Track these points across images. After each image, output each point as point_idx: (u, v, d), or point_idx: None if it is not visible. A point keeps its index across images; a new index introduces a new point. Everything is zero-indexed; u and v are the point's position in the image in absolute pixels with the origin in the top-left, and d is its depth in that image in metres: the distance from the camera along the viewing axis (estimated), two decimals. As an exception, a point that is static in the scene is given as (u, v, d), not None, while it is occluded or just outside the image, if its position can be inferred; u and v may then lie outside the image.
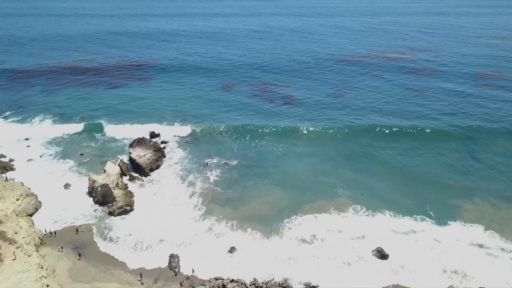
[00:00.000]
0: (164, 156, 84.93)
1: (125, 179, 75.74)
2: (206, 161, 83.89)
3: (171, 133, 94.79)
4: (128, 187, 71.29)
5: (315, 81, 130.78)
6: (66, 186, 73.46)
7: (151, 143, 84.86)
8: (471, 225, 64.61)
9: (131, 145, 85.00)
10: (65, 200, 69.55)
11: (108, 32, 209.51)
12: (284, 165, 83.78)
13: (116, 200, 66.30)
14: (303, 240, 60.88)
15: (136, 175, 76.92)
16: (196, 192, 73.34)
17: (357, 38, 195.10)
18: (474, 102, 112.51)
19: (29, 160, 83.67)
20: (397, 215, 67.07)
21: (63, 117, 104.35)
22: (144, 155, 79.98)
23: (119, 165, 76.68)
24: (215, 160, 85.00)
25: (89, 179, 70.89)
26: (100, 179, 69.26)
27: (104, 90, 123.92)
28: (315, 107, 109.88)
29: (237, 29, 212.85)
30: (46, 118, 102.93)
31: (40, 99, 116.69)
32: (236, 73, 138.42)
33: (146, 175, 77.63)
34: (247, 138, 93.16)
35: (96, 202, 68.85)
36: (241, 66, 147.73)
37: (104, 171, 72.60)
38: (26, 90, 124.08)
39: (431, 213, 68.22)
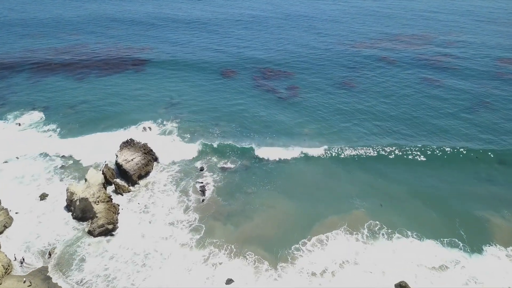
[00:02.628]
0: (155, 160, 75.73)
1: (110, 188, 66.85)
2: (201, 165, 74.70)
3: (163, 132, 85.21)
4: (112, 199, 62.28)
5: (324, 74, 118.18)
6: (43, 196, 64.37)
7: (140, 145, 75.43)
8: (508, 251, 55.54)
9: (120, 147, 75.53)
10: (40, 215, 60.65)
11: (102, 16, 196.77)
12: (290, 168, 74.83)
13: (97, 217, 57.40)
14: (313, 274, 51.64)
15: (122, 183, 67.65)
16: (191, 205, 64.21)
17: (365, 23, 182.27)
18: (497, 97, 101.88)
19: (5, 162, 74.69)
20: (421, 237, 57.82)
21: (47, 112, 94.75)
22: (132, 159, 70.74)
23: (103, 172, 67.45)
24: (212, 163, 75.91)
25: (67, 190, 61.69)
26: (79, 191, 60.17)
27: (94, 81, 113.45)
28: (324, 104, 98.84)
29: (238, 14, 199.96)
30: (28, 113, 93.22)
31: (23, 90, 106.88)
32: (237, 63, 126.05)
33: (134, 183, 68.44)
34: (248, 138, 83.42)
35: (75, 218, 59.90)
36: (242, 54, 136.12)
37: (85, 180, 63.59)
38: (10, 79, 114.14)
39: (461, 232, 59.44)
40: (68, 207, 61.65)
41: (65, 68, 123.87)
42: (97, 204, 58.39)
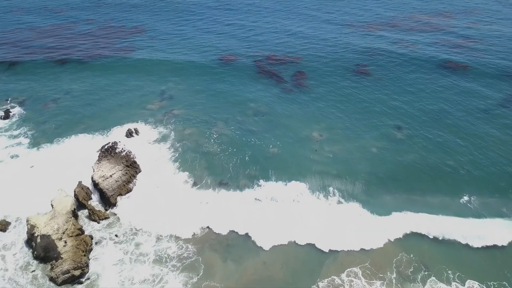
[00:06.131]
0: (140, 171, 63.78)
1: (84, 213, 55.38)
2: (195, 180, 62.50)
3: (151, 136, 72.66)
4: (83, 231, 50.90)
5: (334, 61, 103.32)
6: (2, 225, 52.93)
7: (123, 154, 63.53)
8: None
9: (98, 157, 63.58)
10: (-5, 252, 49.56)
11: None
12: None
13: (61, 258, 46.09)
14: None
15: (98, 208, 56.00)
16: (182, 236, 52.76)
17: (379, 2, 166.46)
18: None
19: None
20: (464, 280, 46.36)
21: (20, 107, 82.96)
22: (111, 176, 58.88)
23: (75, 193, 55.86)
24: (208, 176, 64.03)
25: (27, 222, 50.09)
26: (41, 224, 48.58)
27: (79, 69, 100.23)
28: (335, 99, 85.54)
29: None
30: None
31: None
32: (238, 51, 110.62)
33: (113, 205, 56.84)
34: (249, 145, 70.92)
35: (36, 257, 48.49)
36: (244, 40, 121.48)
37: (52, 206, 52.04)
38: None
39: (506, 272, 48.33)
40: (29, 242, 50.33)
41: (47, 52, 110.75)
42: (62, 242, 46.95)
